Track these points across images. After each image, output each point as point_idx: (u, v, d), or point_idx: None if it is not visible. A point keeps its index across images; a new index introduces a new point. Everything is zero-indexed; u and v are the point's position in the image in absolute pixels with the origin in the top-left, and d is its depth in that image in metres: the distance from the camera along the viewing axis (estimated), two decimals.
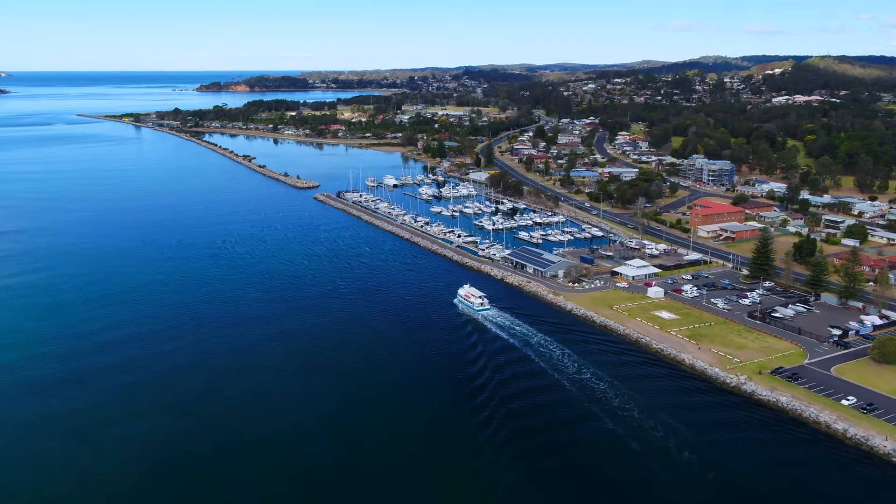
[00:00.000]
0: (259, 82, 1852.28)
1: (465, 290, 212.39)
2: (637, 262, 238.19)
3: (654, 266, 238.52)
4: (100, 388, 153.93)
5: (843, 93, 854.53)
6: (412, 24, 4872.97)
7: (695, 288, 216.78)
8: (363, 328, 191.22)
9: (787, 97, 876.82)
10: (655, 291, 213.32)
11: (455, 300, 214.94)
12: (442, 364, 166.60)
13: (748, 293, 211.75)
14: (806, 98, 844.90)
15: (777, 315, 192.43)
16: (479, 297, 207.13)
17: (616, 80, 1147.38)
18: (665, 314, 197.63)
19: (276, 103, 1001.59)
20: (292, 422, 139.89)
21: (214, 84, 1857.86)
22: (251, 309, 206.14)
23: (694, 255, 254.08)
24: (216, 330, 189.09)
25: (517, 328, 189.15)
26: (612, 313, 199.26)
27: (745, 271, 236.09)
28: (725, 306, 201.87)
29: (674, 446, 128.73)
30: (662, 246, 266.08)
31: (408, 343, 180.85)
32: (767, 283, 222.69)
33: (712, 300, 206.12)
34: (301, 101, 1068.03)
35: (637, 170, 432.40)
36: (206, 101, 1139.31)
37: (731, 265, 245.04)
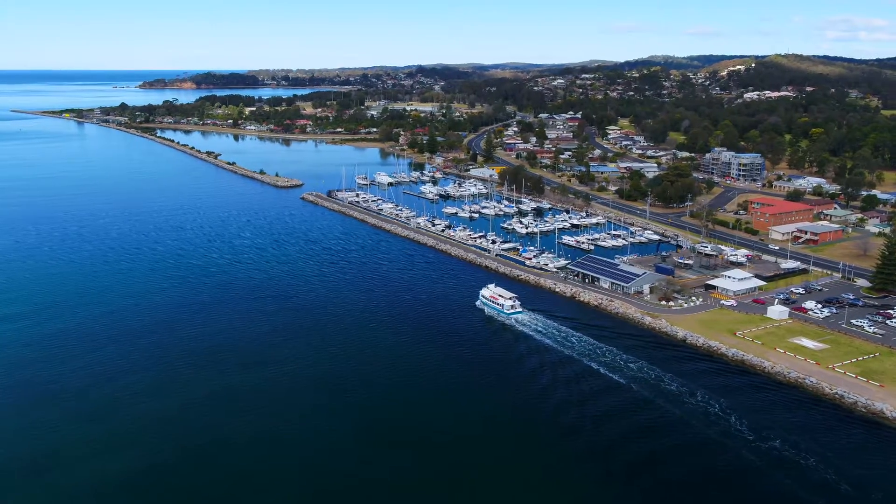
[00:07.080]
0: (206, 79, 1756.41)
1: (491, 291, 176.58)
2: (737, 272, 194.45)
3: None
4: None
5: (809, 89, 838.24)
6: (358, 23, 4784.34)
7: (819, 305, 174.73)
8: (419, 375, 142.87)
9: (756, 93, 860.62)
10: (778, 311, 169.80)
11: (477, 302, 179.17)
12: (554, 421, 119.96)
13: (891, 311, 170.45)
14: (777, 94, 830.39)
15: None
16: (510, 297, 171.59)
17: (584, 75, 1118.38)
18: (807, 342, 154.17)
19: (230, 98, 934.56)
20: None
21: (159, 81, 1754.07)
22: (267, 344, 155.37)
23: (791, 263, 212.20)
24: (233, 375, 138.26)
25: (631, 365, 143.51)
26: (740, 342, 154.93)
27: (859, 282, 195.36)
28: (876, 330, 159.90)
29: None
30: (744, 251, 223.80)
31: (498, 396, 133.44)
32: None
33: (853, 321, 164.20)
34: (256, 98, 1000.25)
35: (656, 165, 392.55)
36: (151, 98, 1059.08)
37: (839, 274, 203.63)
